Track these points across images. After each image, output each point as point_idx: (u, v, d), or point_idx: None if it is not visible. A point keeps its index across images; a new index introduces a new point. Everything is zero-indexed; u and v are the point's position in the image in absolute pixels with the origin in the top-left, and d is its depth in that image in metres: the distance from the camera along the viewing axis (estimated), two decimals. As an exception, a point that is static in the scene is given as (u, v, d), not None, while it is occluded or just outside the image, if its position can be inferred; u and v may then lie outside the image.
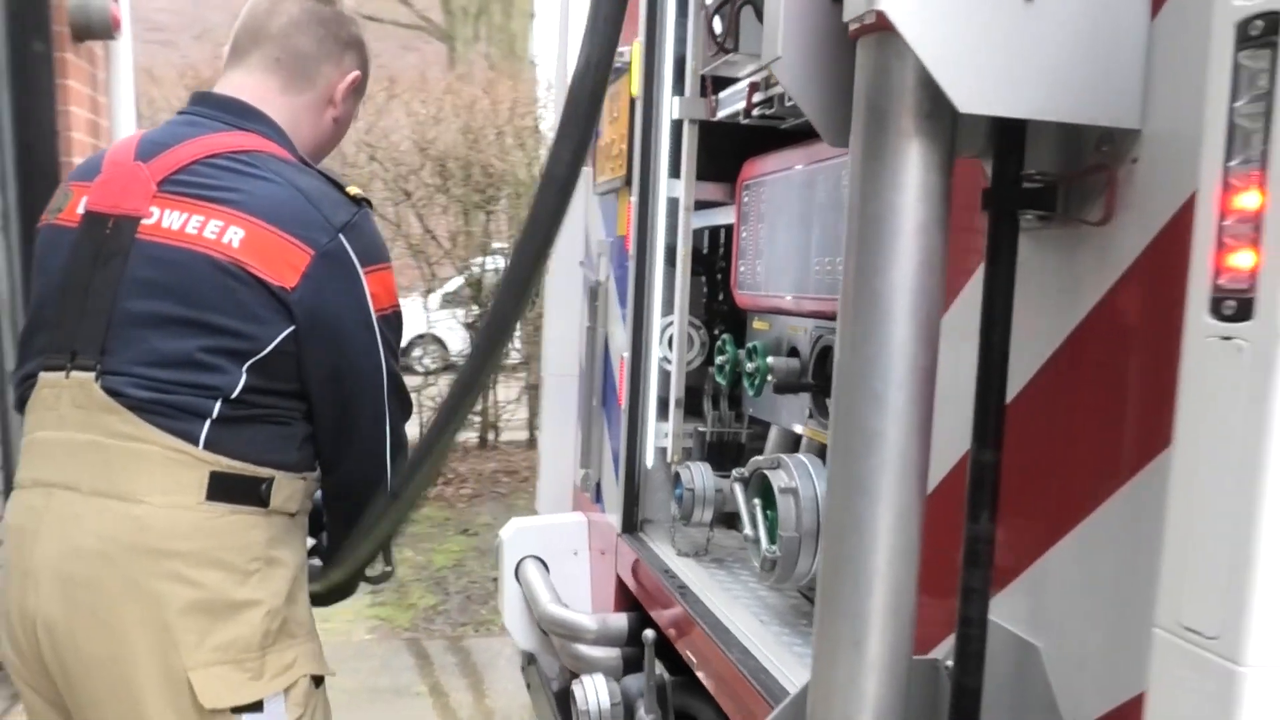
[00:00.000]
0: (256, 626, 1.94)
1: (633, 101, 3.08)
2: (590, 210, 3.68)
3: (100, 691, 1.91)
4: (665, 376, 2.92)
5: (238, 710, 1.92)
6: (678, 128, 2.86)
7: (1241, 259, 0.85)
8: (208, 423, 1.90)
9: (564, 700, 3.09)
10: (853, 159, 1.23)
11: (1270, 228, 0.81)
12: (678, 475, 2.74)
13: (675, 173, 2.90)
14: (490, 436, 9.31)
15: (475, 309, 9.19)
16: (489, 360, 1.90)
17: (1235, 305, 0.85)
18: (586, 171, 3.70)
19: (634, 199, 3.05)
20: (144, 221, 1.94)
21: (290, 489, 2.00)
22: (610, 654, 3.07)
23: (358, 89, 2.25)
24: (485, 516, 7.83)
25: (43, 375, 1.98)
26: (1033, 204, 1.25)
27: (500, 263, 8.78)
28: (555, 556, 3.51)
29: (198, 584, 1.89)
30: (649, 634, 2.63)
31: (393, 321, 2.06)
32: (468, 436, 9.32)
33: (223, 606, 1.91)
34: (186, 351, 1.90)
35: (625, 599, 3.09)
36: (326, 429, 2.03)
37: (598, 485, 3.45)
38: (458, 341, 11.04)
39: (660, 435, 2.97)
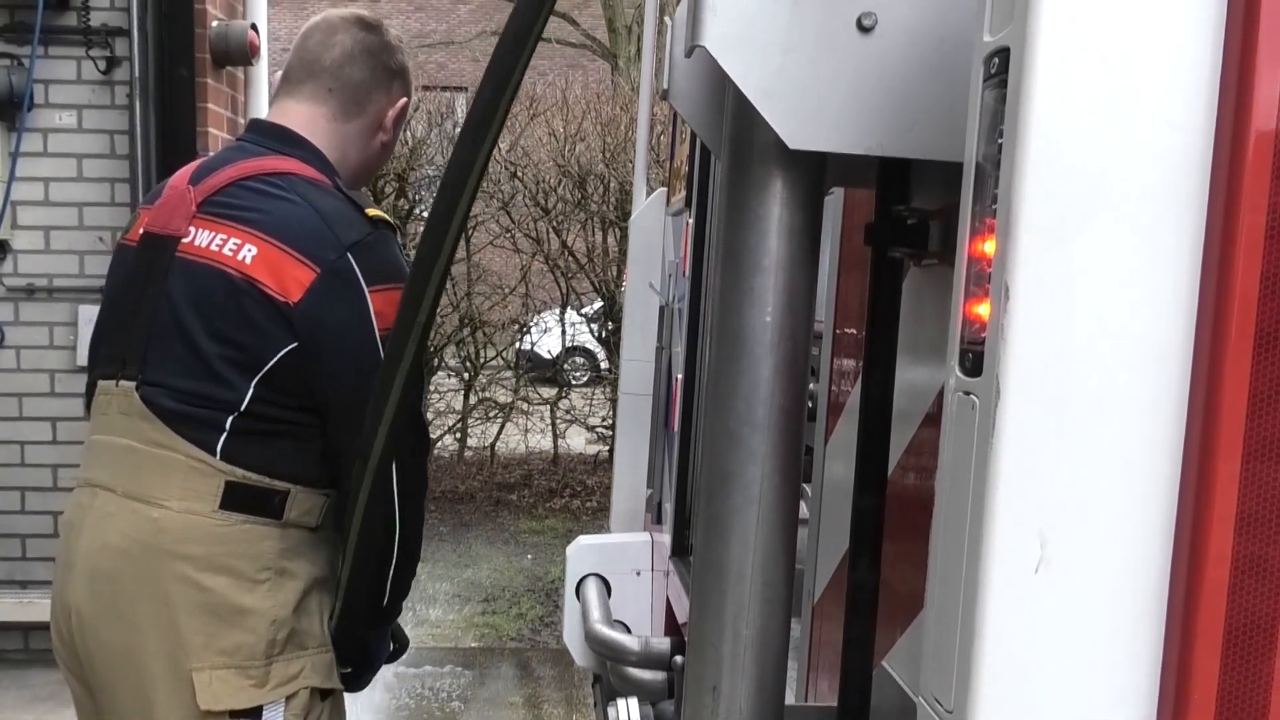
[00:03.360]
0: (261, 635, 2.00)
1: (694, 123, 3.07)
2: (665, 231, 3.68)
3: (116, 680, 2.04)
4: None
5: (235, 715, 1.99)
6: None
7: (982, 310, 0.80)
8: (224, 435, 1.99)
9: (609, 721, 3.09)
10: (719, 194, 1.21)
11: (996, 278, 0.76)
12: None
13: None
14: (624, 450, 9.38)
15: (611, 324, 9.29)
16: (416, 311, 1.83)
17: (972, 359, 0.80)
18: (661, 192, 3.71)
19: (691, 220, 3.04)
20: (183, 240, 2.07)
21: (310, 503, 2.06)
22: (656, 677, 3.05)
23: (403, 113, 2.32)
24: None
25: (100, 383, 2.14)
26: (906, 241, 1.20)
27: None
28: (618, 576, 3.51)
29: (205, 588, 1.98)
30: (678, 660, 2.61)
31: None
32: (598, 450, 9.43)
33: (228, 611, 1.99)
34: (204, 362, 2.00)
35: (674, 622, 3.08)
36: (331, 451, 2.07)
37: (659, 506, 3.44)
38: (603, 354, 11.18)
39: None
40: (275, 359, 1.99)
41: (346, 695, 2.23)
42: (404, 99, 2.29)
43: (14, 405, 5.03)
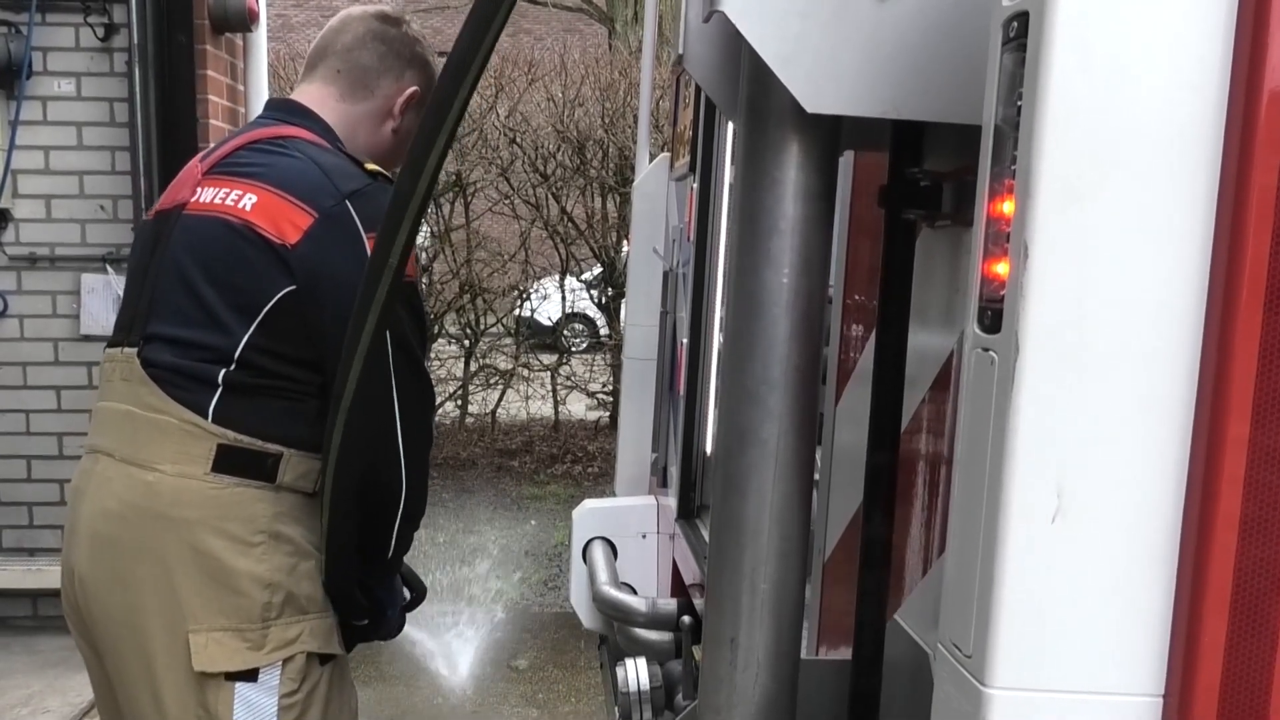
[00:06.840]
0: (256, 598, 2.02)
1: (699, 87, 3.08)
2: (669, 196, 3.69)
3: (117, 642, 2.08)
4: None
5: (231, 677, 2.02)
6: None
7: (1000, 268, 0.82)
8: (217, 393, 2.02)
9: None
10: (735, 157, 1.23)
11: (1015, 238, 0.79)
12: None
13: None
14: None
15: (610, 290, 9.30)
16: (394, 240, 1.79)
17: (991, 316, 0.82)
18: (664, 158, 3.72)
19: (695, 185, 3.05)
20: (189, 203, 2.13)
21: (304, 467, 2.07)
22: (663, 637, 3.09)
23: (418, 105, 2.33)
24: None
25: (107, 351, 2.20)
26: (919, 203, 1.22)
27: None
28: (624, 539, 3.54)
29: (201, 551, 2.01)
30: (686, 620, 2.65)
31: (403, 293, 2.02)
32: (599, 416, 9.46)
33: (223, 574, 2.01)
34: (204, 309, 2.04)
35: (681, 584, 3.12)
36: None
37: (664, 470, 3.48)
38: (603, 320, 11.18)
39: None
40: (273, 301, 2.01)
41: (373, 646, 2.25)
42: (414, 88, 2.30)
43: (18, 374, 5.05)
